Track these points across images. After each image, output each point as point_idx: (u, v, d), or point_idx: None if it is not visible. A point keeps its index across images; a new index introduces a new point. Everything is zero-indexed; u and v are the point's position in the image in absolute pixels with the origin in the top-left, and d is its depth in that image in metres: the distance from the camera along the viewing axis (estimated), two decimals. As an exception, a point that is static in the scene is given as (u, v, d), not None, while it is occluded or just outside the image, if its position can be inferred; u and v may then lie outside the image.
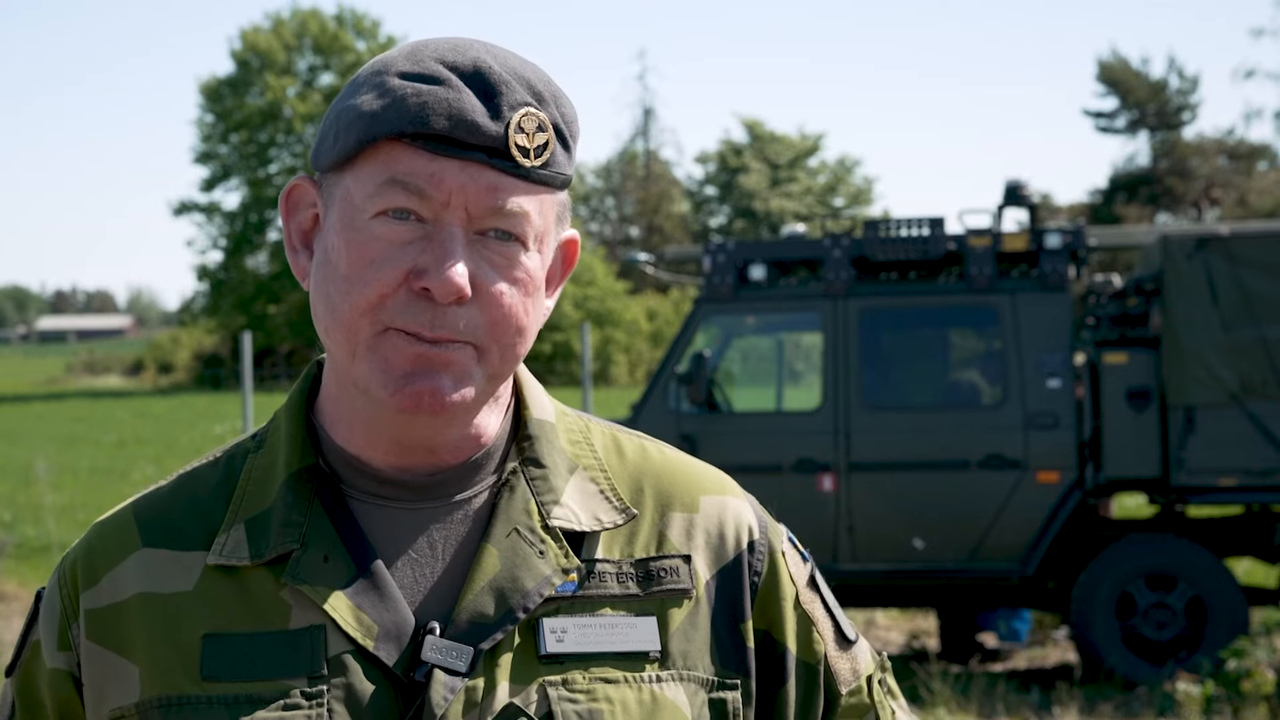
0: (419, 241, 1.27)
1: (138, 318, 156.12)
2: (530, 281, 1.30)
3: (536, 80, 1.30)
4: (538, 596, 1.30)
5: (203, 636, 1.29)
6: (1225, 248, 8.54)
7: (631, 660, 1.31)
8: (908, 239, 8.98)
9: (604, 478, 1.39)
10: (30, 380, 60.38)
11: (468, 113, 1.25)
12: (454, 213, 1.26)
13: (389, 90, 1.27)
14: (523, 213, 1.28)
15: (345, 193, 1.29)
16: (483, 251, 1.28)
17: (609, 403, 28.43)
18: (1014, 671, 9.36)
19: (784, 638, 1.40)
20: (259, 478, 1.35)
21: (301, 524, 1.31)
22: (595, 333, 42.16)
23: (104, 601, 1.33)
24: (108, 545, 1.36)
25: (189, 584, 1.31)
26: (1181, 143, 45.73)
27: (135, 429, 29.52)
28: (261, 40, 53.21)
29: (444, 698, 1.25)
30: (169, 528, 1.35)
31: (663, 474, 1.41)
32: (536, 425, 1.39)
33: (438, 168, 1.26)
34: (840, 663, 1.44)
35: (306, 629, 1.28)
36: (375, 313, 1.27)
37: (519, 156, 1.27)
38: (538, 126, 1.28)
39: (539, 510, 1.34)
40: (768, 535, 1.43)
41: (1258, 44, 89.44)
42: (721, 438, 8.94)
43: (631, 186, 60.95)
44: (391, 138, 1.27)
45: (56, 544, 13.04)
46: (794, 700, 1.41)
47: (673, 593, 1.35)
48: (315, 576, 1.29)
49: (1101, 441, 8.74)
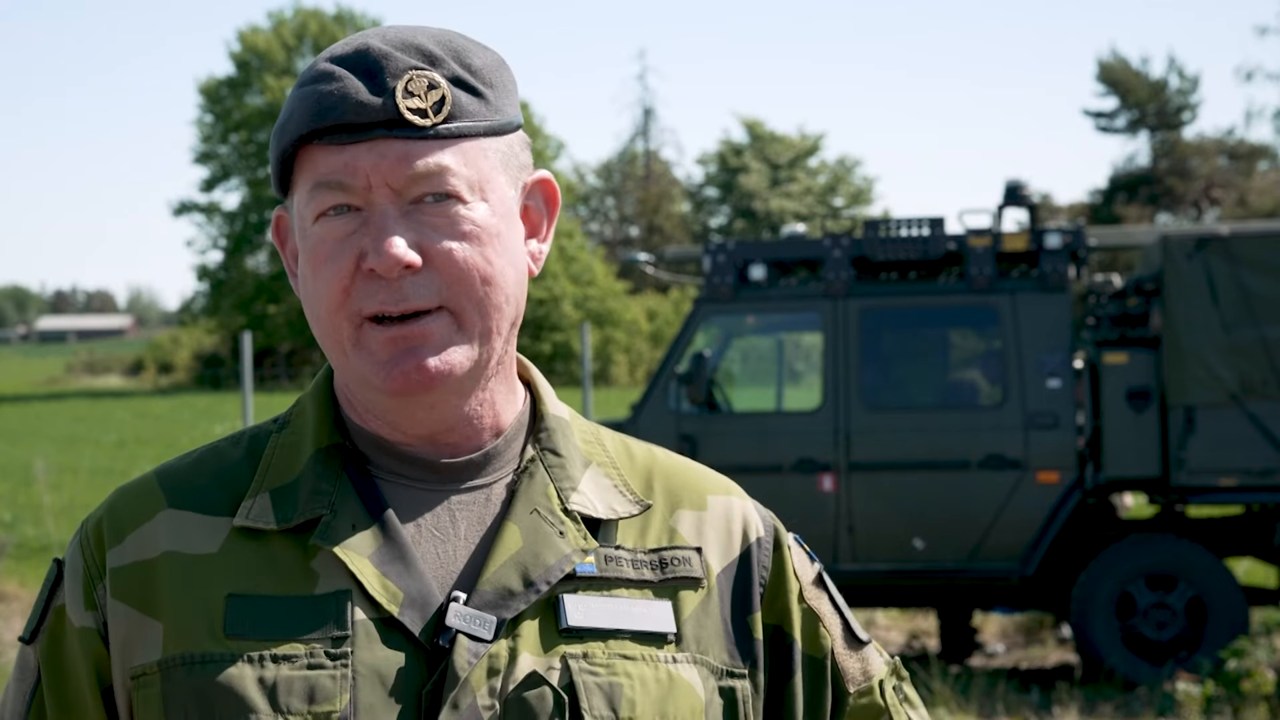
0: (360, 229, 1.31)
1: (138, 318, 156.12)
2: (481, 231, 1.31)
3: (430, 43, 1.33)
4: (559, 571, 1.32)
5: (227, 596, 1.30)
6: (1225, 248, 8.54)
7: (649, 639, 1.34)
8: (908, 239, 8.98)
9: (617, 474, 1.42)
10: (30, 380, 60.37)
11: (351, 95, 1.29)
12: (378, 192, 1.30)
13: (290, 103, 1.33)
14: (443, 169, 1.30)
15: (296, 209, 1.36)
16: (421, 218, 1.30)
17: (609, 403, 28.40)
18: (1014, 671, 9.36)
19: (792, 631, 1.43)
20: (284, 454, 1.38)
21: (330, 492, 1.34)
22: (595, 333, 42.16)
23: (129, 559, 1.34)
24: (131, 505, 1.37)
25: (214, 546, 1.33)
26: (1181, 143, 45.72)
27: (135, 429, 29.52)
28: (261, 41, 53.21)
29: (468, 662, 1.27)
30: (194, 492, 1.36)
31: (671, 475, 1.45)
32: (553, 419, 1.42)
33: (348, 156, 1.30)
34: (848, 661, 1.45)
35: (333, 594, 1.30)
36: (344, 307, 1.31)
37: (415, 119, 1.29)
38: (429, 85, 1.30)
39: (558, 494, 1.37)
40: (773, 533, 1.46)
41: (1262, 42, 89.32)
42: (721, 438, 8.94)
43: (631, 186, 60.94)
44: (303, 145, 1.32)
45: (56, 544, 13.05)
46: (802, 694, 1.42)
47: (686, 580, 1.38)
48: (344, 541, 1.31)
49: (1101, 441, 8.74)
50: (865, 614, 10.73)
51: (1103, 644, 8.57)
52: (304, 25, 53.98)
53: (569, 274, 45.52)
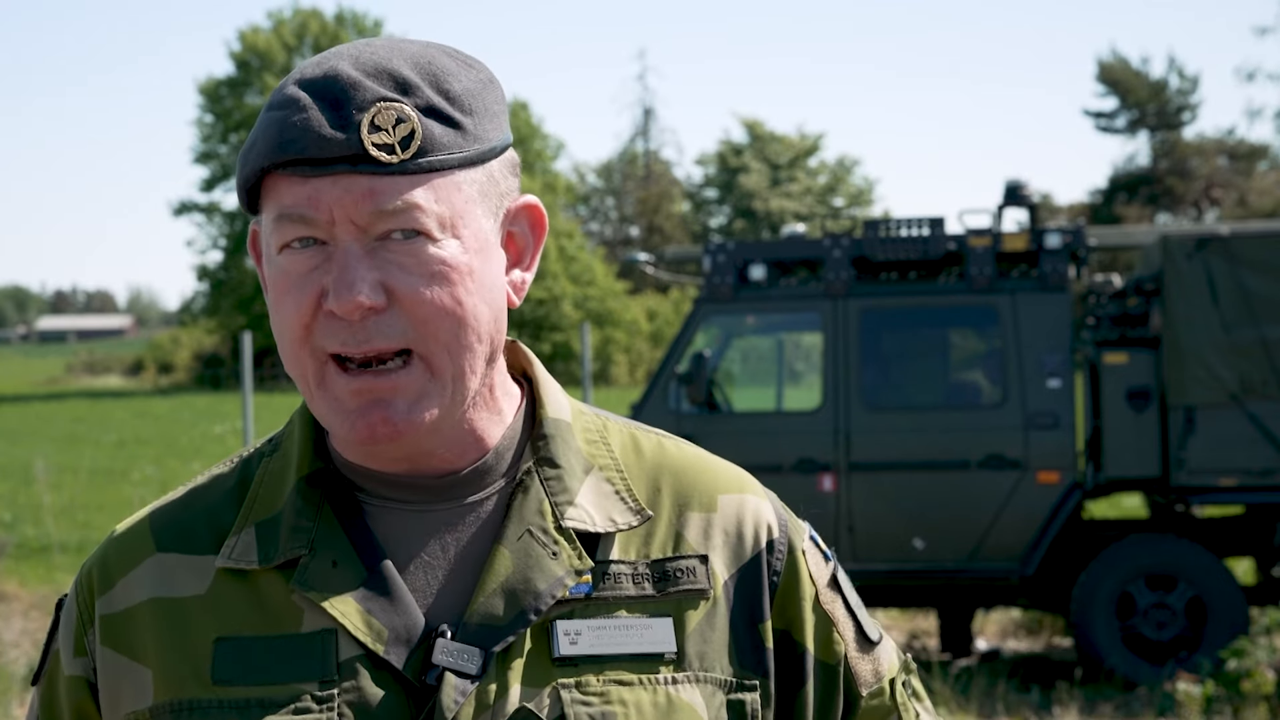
0: (323, 264, 1.25)
1: (138, 318, 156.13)
2: (450, 271, 1.25)
3: (406, 67, 1.26)
4: (550, 598, 1.28)
5: (215, 640, 1.29)
6: (1225, 248, 8.54)
7: (646, 662, 1.30)
8: (908, 239, 8.99)
9: (620, 478, 1.37)
10: (30, 380, 60.36)
11: (314, 129, 1.23)
12: (342, 228, 1.24)
13: (258, 126, 1.28)
14: (411, 207, 1.24)
15: (264, 234, 1.31)
16: (387, 255, 1.24)
17: (609, 403, 28.41)
18: (1014, 671, 9.36)
19: (803, 638, 1.39)
20: (272, 481, 1.36)
21: (310, 529, 1.31)
22: (595, 333, 42.16)
23: (118, 607, 1.33)
24: (122, 551, 1.36)
25: (202, 587, 1.32)
26: (1181, 143, 45.73)
27: (135, 429, 29.51)
28: (261, 41, 53.21)
29: (455, 701, 1.24)
30: (183, 532, 1.35)
31: (681, 472, 1.40)
32: (552, 425, 1.37)
33: (311, 190, 1.24)
34: (861, 664, 1.42)
35: (318, 633, 1.28)
36: (307, 342, 1.27)
37: (381, 155, 1.23)
38: (397, 119, 1.24)
39: (553, 511, 1.33)
40: (788, 533, 1.41)
41: (1261, 42, 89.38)
42: (721, 438, 8.93)
43: (631, 186, 60.93)
44: (270, 172, 1.26)
45: (56, 544, 13.04)
46: (813, 702, 1.39)
47: (689, 593, 1.34)
48: (323, 582, 1.28)
49: (1101, 441, 8.74)
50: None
51: (1103, 644, 8.57)
52: (304, 25, 53.99)
53: (569, 274, 45.52)
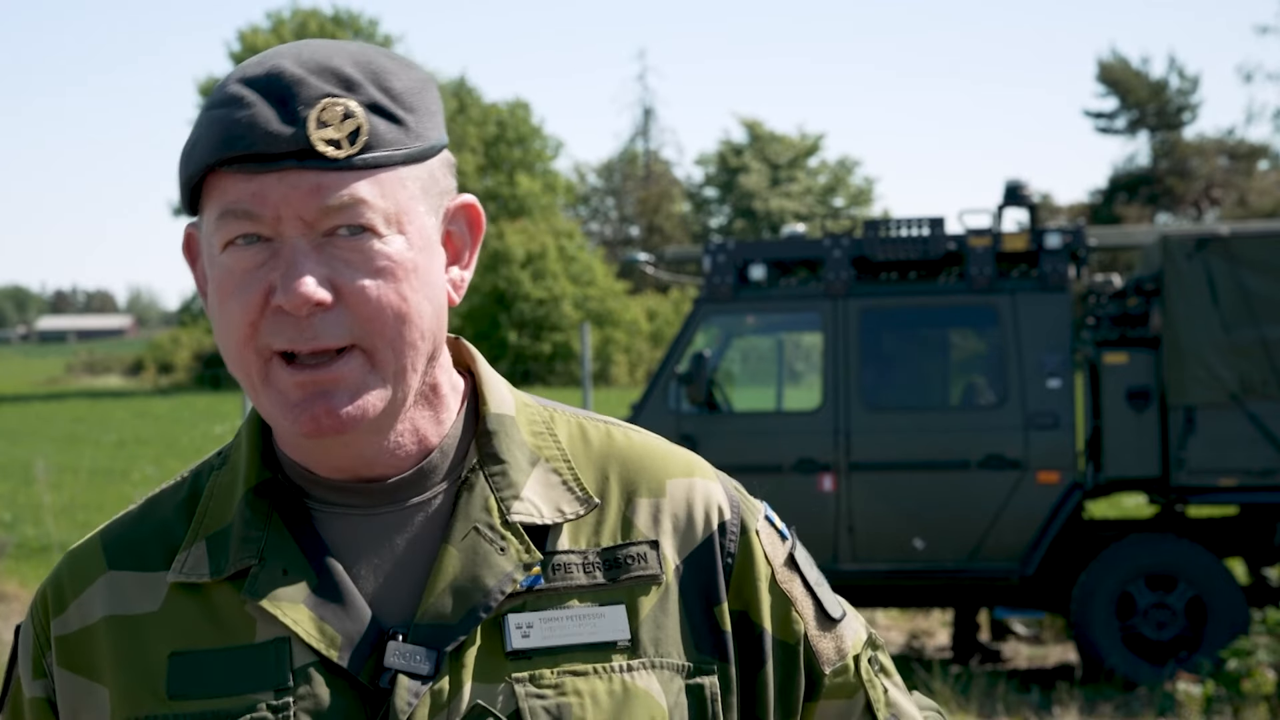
0: (270, 261, 1.26)
1: (138, 318, 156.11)
2: (397, 267, 1.26)
3: (348, 66, 1.27)
4: (499, 594, 1.28)
5: (169, 655, 1.29)
6: (1225, 248, 8.55)
7: (600, 651, 1.30)
8: (908, 239, 8.99)
9: (567, 468, 1.37)
10: (30, 380, 60.35)
11: (261, 124, 1.24)
12: (289, 224, 1.25)
13: (199, 124, 1.28)
14: (357, 202, 1.25)
15: (204, 234, 1.30)
16: (334, 252, 1.25)
17: (609, 403, 28.40)
18: (1014, 671, 9.36)
19: (760, 618, 1.38)
20: (220, 494, 1.36)
21: (259, 539, 1.31)
22: (595, 333, 42.14)
23: (73, 627, 1.34)
24: (74, 572, 1.37)
25: (155, 604, 1.32)
26: (1181, 143, 45.72)
27: (135, 429, 29.51)
28: (260, 41, 53.21)
29: (408, 703, 1.25)
30: (134, 549, 1.35)
31: (628, 459, 1.39)
32: (495, 420, 1.37)
33: (257, 186, 1.24)
34: (822, 642, 1.42)
35: (271, 642, 1.28)
36: (252, 341, 1.27)
37: (328, 150, 1.24)
38: (344, 114, 1.25)
39: (499, 507, 1.33)
40: (740, 514, 1.40)
41: (1261, 41, 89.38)
42: (721, 438, 8.94)
43: (631, 186, 60.93)
44: (213, 170, 1.26)
45: (56, 544, 13.04)
46: (773, 682, 1.39)
47: (641, 579, 1.33)
48: (274, 591, 1.28)
49: (1101, 441, 8.74)
50: (865, 614, 10.74)
51: (1103, 644, 8.57)
52: (304, 25, 54.01)
53: (569, 274, 45.51)
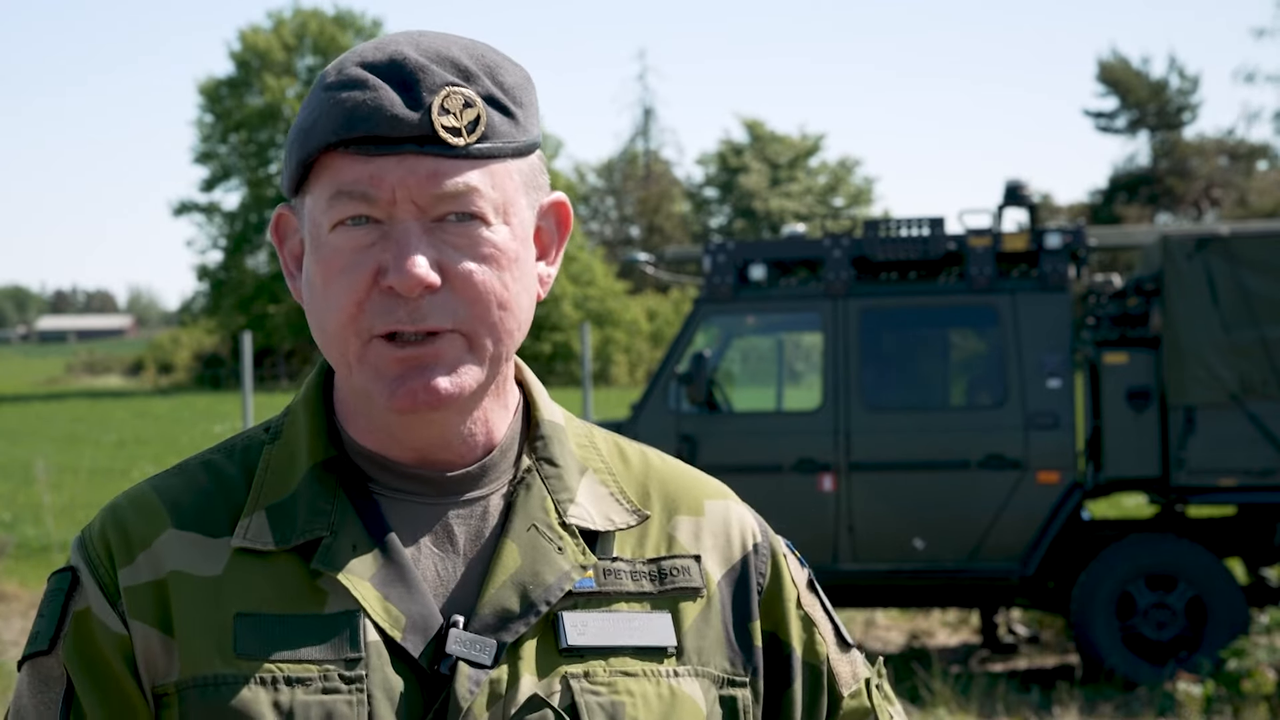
0: (380, 242, 1.28)
1: (138, 318, 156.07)
2: (502, 255, 1.29)
3: (464, 57, 1.30)
4: (559, 590, 1.31)
5: (235, 614, 1.29)
6: (1225, 248, 8.54)
7: (650, 654, 1.33)
8: (908, 239, 8.98)
9: (612, 480, 1.41)
10: (30, 380, 60.34)
11: (386, 108, 1.26)
12: (403, 207, 1.27)
13: (317, 105, 1.30)
14: (470, 190, 1.27)
15: (309, 213, 1.32)
16: (444, 237, 1.28)
17: (609, 403, 28.41)
18: (1014, 671, 9.36)
19: (789, 639, 1.42)
20: (278, 468, 1.35)
21: (329, 512, 1.32)
22: (595, 333, 42.14)
23: (143, 578, 1.31)
24: (138, 523, 1.33)
25: (218, 569, 1.31)
26: (1182, 143, 45.71)
27: (135, 429, 29.51)
28: (261, 41, 53.19)
29: (469, 690, 1.26)
30: (194, 512, 1.34)
31: (667, 479, 1.43)
32: (549, 425, 1.40)
33: (375, 168, 1.27)
34: (841, 665, 1.45)
35: (342, 614, 1.28)
36: (356, 321, 1.28)
37: (449, 137, 1.27)
38: (464, 103, 1.28)
39: (555, 508, 1.35)
40: (769, 539, 1.45)
41: (1259, 44, 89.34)
42: (721, 438, 8.94)
43: (631, 186, 60.91)
44: (328, 150, 1.28)
45: (56, 544, 13.04)
46: (800, 702, 1.42)
47: (685, 591, 1.37)
48: (345, 565, 1.29)
49: (1101, 441, 8.74)
50: (865, 614, 10.74)
51: (1103, 644, 8.57)
52: (304, 25, 53.96)
53: (569, 274, 45.50)
